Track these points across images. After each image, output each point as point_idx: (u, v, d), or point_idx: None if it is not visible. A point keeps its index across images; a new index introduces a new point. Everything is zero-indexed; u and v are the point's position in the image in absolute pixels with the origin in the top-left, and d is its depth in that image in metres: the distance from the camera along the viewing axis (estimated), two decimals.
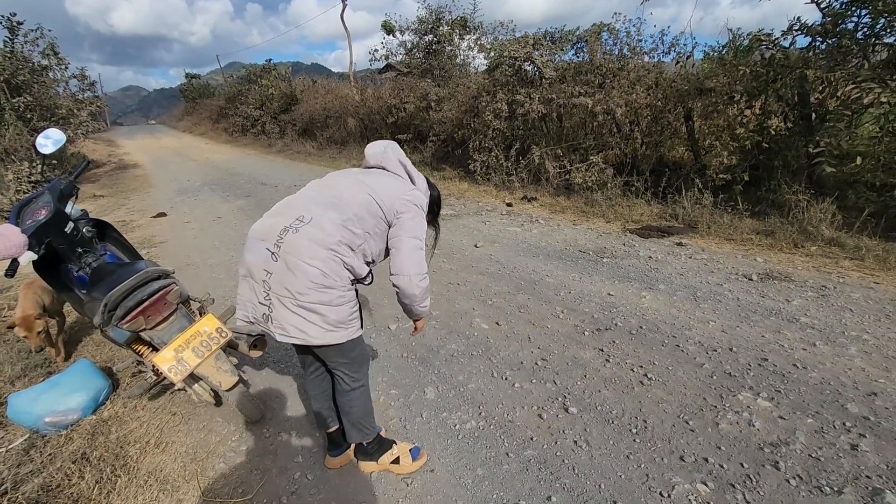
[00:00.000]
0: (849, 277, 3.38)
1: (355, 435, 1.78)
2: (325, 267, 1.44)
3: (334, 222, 1.49)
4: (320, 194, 1.63)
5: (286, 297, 1.45)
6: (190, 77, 33.96)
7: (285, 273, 1.44)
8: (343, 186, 1.64)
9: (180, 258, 4.71)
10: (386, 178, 1.71)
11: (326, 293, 1.45)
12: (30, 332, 2.54)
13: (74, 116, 10.41)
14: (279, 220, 1.51)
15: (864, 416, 1.99)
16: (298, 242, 1.44)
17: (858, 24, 4.31)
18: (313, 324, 1.47)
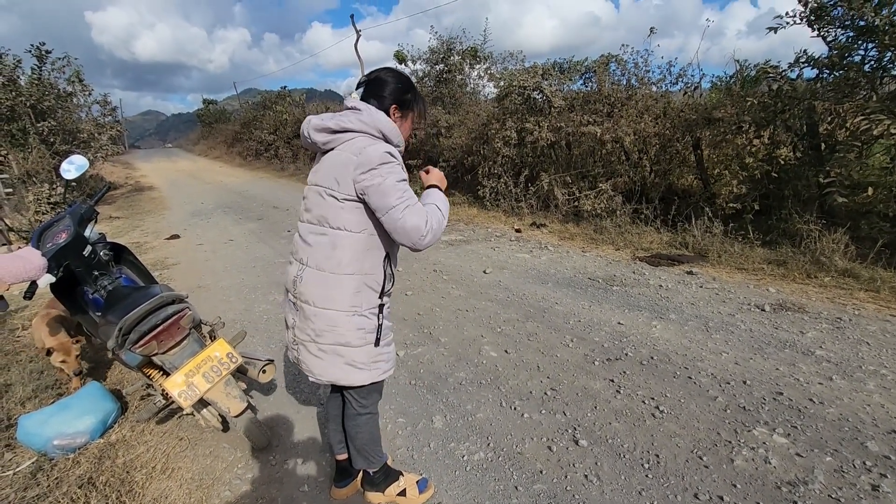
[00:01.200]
0: (864, 310, 3.32)
1: (360, 461, 1.75)
2: (340, 304, 1.46)
3: (327, 249, 1.44)
4: (304, 226, 1.53)
5: (308, 342, 1.52)
6: (207, 102, 34.97)
7: (304, 319, 1.51)
8: (313, 203, 1.49)
9: (192, 280, 4.77)
10: (333, 156, 1.44)
11: (345, 334, 1.48)
12: (68, 356, 2.57)
13: (95, 140, 10.74)
14: (292, 269, 1.56)
15: (885, 455, 1.93)
16: (307, 290, 1.48)
17: (865, 56, 4.37)
18: (335, 365, 1.52)
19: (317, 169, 1.49)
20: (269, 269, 5.01)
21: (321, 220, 1.44)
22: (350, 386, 1.57)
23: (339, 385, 1.59)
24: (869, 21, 3.92)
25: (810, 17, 4.41)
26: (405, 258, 5.13)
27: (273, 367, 2.19)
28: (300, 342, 1.55)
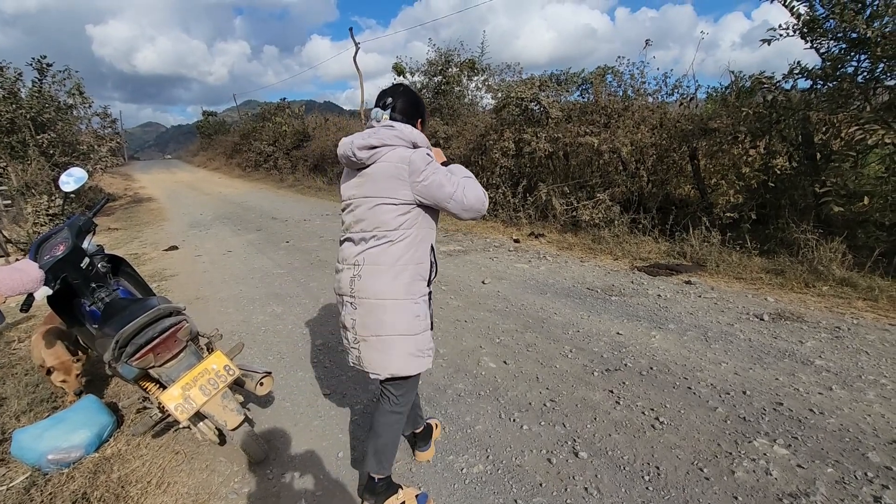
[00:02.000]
0: (863, 319, 3.32)
1: (373, 465, 1.76)
2: (398, 293, 1.60)
3: (385, 247, 1.60)
4: (356, 234, 1.66)
5: (370, 337, 1.63)
6: (207, 114, 35.18)
7: (364, 315, 1.63)
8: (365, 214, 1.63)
9: (190, 292, 4.76)
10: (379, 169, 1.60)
11: (404, 322, 1.62)
12: (69, 375, 2.55)
13: (94, 152, 10.78)
14: (344, 274, 1.68)
15: (887, 466, 1.91)
16: (366, 286, 1.61)
17: (858, 68, 4.42)
18: (395, 356, 1.64)
19: (359, 183, 1.63)
20: (267, 280, 5.00)
21: (377, 226, 1.60)
22: (403, 376, 1.68)
23: (393, 377, 1.68)
24: (861, 33, 3.98)
25: (803, 29, 4.48)
26: None
27: (271, 380, 2.18)
28: (361, 339, 1.65)
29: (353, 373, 2.96)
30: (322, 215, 9.03)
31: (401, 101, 1.69)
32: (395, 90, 1.72)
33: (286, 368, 3.07)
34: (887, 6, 3.93)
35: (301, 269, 5.38)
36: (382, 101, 1.68)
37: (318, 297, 4.37)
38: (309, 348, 3.35)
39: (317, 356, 3.22)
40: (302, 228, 7.84)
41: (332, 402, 2.65)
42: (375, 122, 1.64)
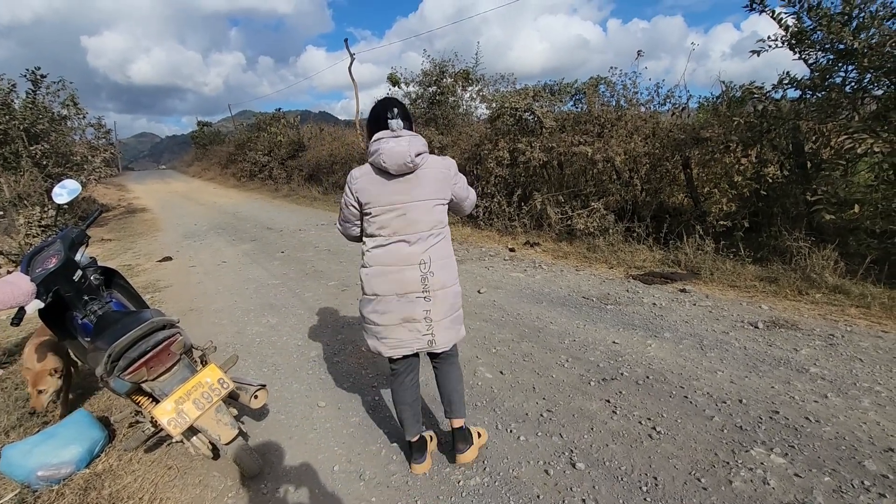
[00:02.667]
0: (856, 326, 3.34)
1: (464, 408, 2.11)
2: (455, 278, 1.95)
3: (443, 242, 1.90)
4: (414, 235, 1.82)
5: (443, 319, 1.89)
6: (202, 125, 35.18)
7: (439, 304, 1.87)
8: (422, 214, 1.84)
9: (184, 303, 4.72)
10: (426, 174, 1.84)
11: (459, 300, 1.98)
12: (34, 387, 2.49)
13: (88, 163, 10.75)
14: (412, 272, 1.83)
15: (883, 475, 1.91)
16: (438, 278, 1.86)
17: (846, 78, 4.49)
18: (460, 327, 2.00)
19: (406, 188, 1.78)
20: (262, 291, 4.97)
21: (435, 225, 1.85)
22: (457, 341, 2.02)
23: (459, 339, 2.02)
24: (848, 45, 4.05)
25: (791, 40, 4.55)
26: None
27: (265, 393, 2.16)
28: (434, 323, 1.88)
29: (348, 384, 2.94)
30: (317, 225, 9.02)
31: (401, 109, 1.82)
32: (392, 101, 1.86)
33: (281, 380, 3.05)
34: (873, 18, 4.01)
35: (296, 279, 5.36)
36: (391, 111, 1.78)
37: (314, 308, 4.34)
38: (304, 360, 3.32)
39: (312, 367, 3.20)
40: (297, 238, 7.83)
41: (328, 415, 2.62)
42: (394, 129, 1.78)
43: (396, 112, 1.77)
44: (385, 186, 1.78)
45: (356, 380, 2.99)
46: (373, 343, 1.96)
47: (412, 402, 2.06)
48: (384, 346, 1.92)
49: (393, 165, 1.74)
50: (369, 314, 1.91)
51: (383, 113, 1.79)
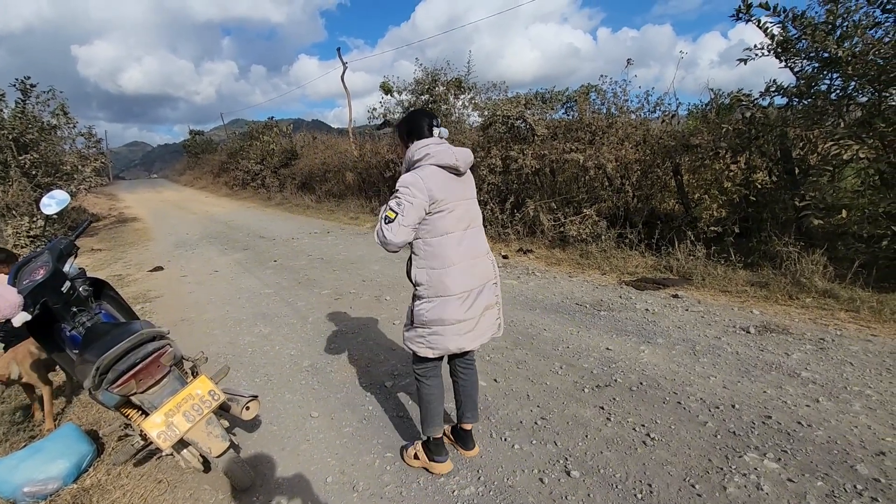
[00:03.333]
0: (846, 330, 3.38)
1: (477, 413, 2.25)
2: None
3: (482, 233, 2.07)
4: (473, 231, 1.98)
5: (500, 305, 2.09)
6: (193, 133, 35.05)
7: (499, 289, 2.10)
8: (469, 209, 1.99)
9: (175, 314, 4.68)
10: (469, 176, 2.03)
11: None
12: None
13: (78, 172, 10.65)
14: (484, 263, 2.00)
15: (875, 478, 1.93)
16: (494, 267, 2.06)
17: (831, 86, 4.57)
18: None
19: (463, 188, 1.94)
20: (254, 301, 4.94)
21: (479, 218, 2.03)
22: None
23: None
24: (832, 53, 4.12)
25: (777, 49, 4.63)
26: (393, 287, 5.11)
27: (257, 404, 2.13)
28: (501, 307, 2.09)
29: (342, 394, 2.92)
30: (310, 233, 8.99)
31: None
32: (431, 112, 2.02)
33: (273, 391, 3.02)
34: (856, 27, 4.09)
35: (289, 288, 5.33)
36: (435, 121, 1.92)
37: (307, 317, 4.32)
38: (297, 369, 3.30)
39: (305, 378, 3.17)
40: (290, 247, 7.79)
41: (321, 425, 2.60)
42: (441, 137, 1.91)
43: (438, 122, 1.92)
44: (456, 183, 1.91)
45: (350, 390, 2.97)
46: (446, 342, 1.94)
47: (442, 398, 2.15)
48: (467, 339, 1.96)
49: (463, 164, 1.90)
50: (452, 314, 1.91)
51: (428, 121, 1.90)
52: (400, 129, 1.98)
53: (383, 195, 11.17)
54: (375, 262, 6.34)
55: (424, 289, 1.91)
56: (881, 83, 4.01)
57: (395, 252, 1.91)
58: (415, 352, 2.02)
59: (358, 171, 12.78)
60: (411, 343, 2.02)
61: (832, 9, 4.22)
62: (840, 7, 4.22)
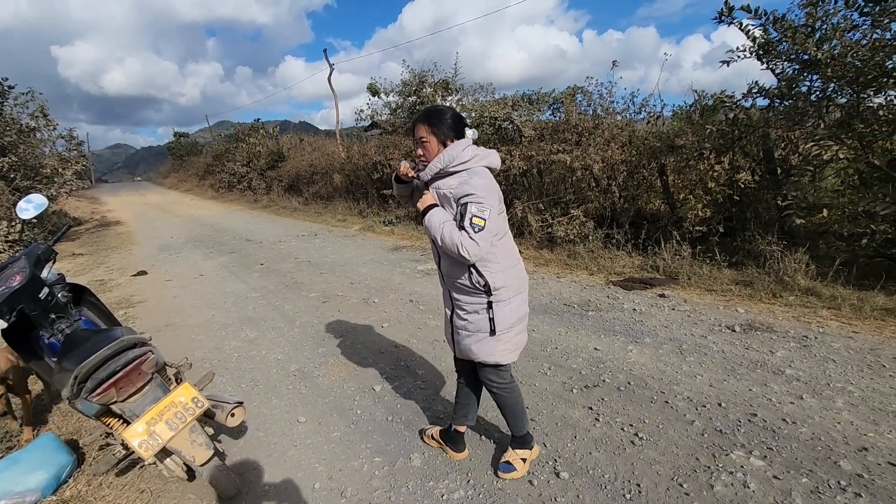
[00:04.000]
0: (828, 327, 3.43)
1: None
2: None
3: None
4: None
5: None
6: (178, 135, 34.61)
7: None
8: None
9: (159, 319, 4.59)
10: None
11: None
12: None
13: (59, 175, 10.42)
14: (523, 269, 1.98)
15: (858, 474, 1.95)
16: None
17: (811, 87, 4.66)
18: None
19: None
20: (240, 305, 4.87)
21: None
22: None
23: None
24: (812, 55, 4.20)
25: (759, 51, 4.70)
26: (381, 289, 5.08)
27: (242, 410, 2.10)
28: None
29: (330, 398, 2.89)
30: (297, 236, 8.92)
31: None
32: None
33: (260, 396, 2.97)
34: (835, 30, 4.17)
35: (276, 291, 5.27)
36: (466, 121, 1.85)
37: (294, 321, 4.27)
38: (284, 374, 3.26)
39: (292, 382, 3.13)
40: (276, 250, 7.71)
41: (308, 430, 2.57)
42: (472, 138, 1.84)
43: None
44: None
45: (338, 393, 2.94)
46: (524, 337, 1.98)
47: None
48: (526, 335, 2.00)
49: (496, 169, 1.88)
50: (525, 307, 1.95)
51: (462, 122, 1.83)
52: (441, 127, 1.76)
53: (371, 197, 11.12)
54: (363, 264, 6.30)
55: (505, 290, 1.83)
56: (859, 85, 4.10)
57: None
58: (498, 362, 1.91)
59: (345, 172, 12.71)
60: (495, 355, 1.88)
61: (811, 12, 4.30)
62: (819, 10, 4.30)
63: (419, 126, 1.79)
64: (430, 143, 1.78)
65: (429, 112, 1.81)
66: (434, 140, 1.77)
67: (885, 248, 4.32)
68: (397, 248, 7.28)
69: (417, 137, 1.80)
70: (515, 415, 2.06)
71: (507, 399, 2.02)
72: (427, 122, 1.77)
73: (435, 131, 1.76)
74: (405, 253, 6.89)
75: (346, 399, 2.87)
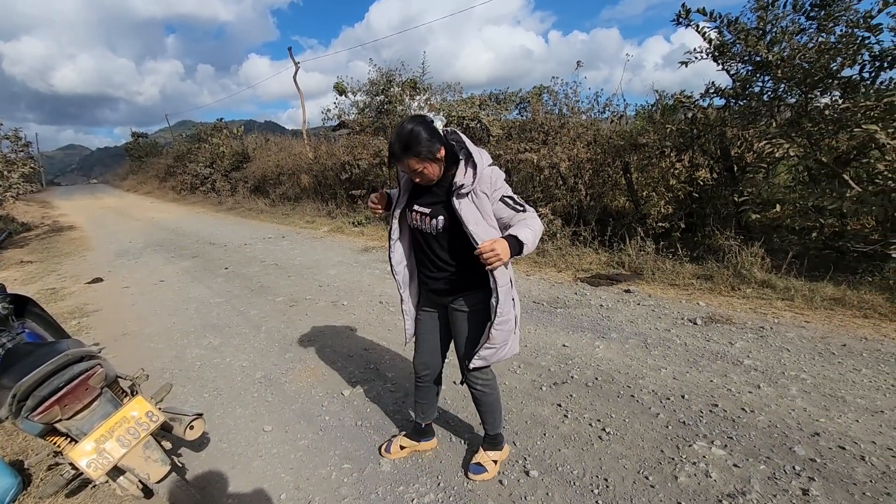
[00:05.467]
0: (782, 318, 3.58)
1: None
2: None
3: None
4: None
5: None
6: (136, 136, 33.27)
7: None
8: None
9: (115, 328, 4.38)
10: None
11: None
12: None
13: (4, 178, 9.84)
14: None
15: (811, 458, 2.04)
16: None
17: (763, 88, 4.86)
18: None
19: None
20: (203, 311, 4.70)
21: None
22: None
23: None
24: (763, 57, 4.38)
25: (714, 52, 4.87)
26: (350, 291, 5.01)
27: (202, 422, 2.01)
28: None
29: (297, 405, 2.81)
30: (264, 239, 8.69)
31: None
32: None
33: (223, 405, 2.87)
34: (784, 33, 4.36)
35: (241, 296, 5.12)
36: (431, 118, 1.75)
37: (259, 326, 4.15)
38: (249, 381, 3.16)
39: (258, 390, 3.04)
40: (242, 253, 7.50)
41: (275, 439, 2.49)
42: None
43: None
44: None
45: (305, 400, 2.87)
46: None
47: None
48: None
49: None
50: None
51: (429, 124, 1.71)
52: (424, 149, 1.63)
53: (340, 198, 10.96)
54: (332, 266, 6.20)
55: (513, 282, 1.81)
56: (807, 85, 4.29)
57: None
58: (505, 358, 1.90)
59: (313, 173, 12.48)
60: (515, 344, 1.88)
61: (762, 15, 4.48)
62: (769, 14, 4.49)
63: (407, 161, 1.65)
64: (428, 169, 1.68)
65: (405, 143, 1.63)
66: (428, 165, 1.67)
67: (832, 240, 4.55)
68: (367, 249, 7.19)
69: (412, 171, 1.69)
70: (494, 412, 2.07)
71: (490, 396, 2.02)
72: (412, 153, 1.63)
73: (424, 156, 1.64)
74: (375, 254, 6.81)
75: (313, 405, 2.80)
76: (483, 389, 2.00)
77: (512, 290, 1.78)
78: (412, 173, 1.72)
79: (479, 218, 1.69)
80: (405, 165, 1.68)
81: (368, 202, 1.95)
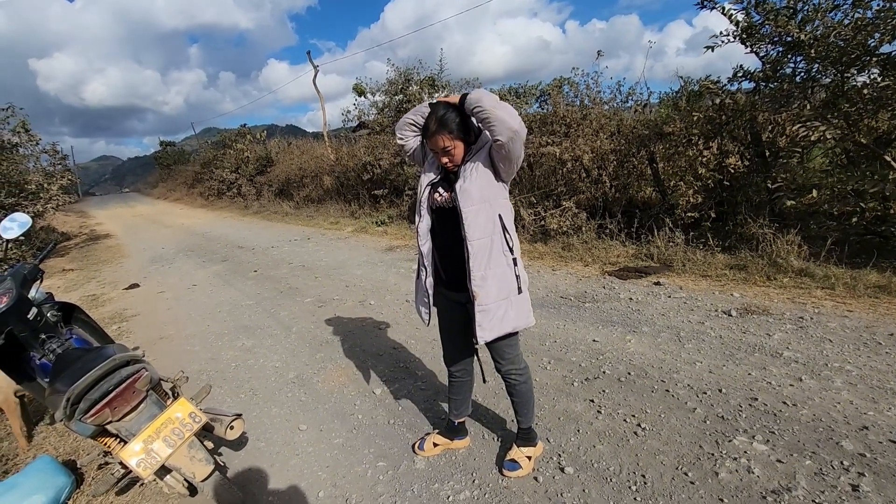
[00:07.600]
0: (823, 307, 3.45)
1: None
2: None
3: None
4: None
5: None
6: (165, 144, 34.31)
7: None
8: None
9: (153, 331, 4.54)
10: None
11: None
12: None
13: (44, 191, 10.27)
14: None
15: (860, 453, 1.96)
16: None
17: (795, 69, 4.67)
18: None
19: None
20: (235, 313, 4.83)
21: None
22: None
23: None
24: (795, 37, 4.21)
25: (742, 35, 4.70)
26: (377, 291, 5.06)
27: (241, 422, 2.06)
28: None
29: (330, 404, 2.86)
30: (290, 241, 8.86)
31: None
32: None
33: (259, 406, 2.94)
34: (816, 11, 4.17)
35: (270, 298, 5.23)
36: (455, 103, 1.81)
37: (290, 327, 4.24)
38: (282, 382, 3.23)
39: (291, 390, 3.10)
40: (269, 256, 7.66)
41: (310, 438, 2.54)
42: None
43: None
44: None
45: (338, 399, 2.92)
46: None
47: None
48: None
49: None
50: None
51: (459, 108, 1.78)
52: (457, 126, 1.74)
53: (362, 198, 11.06)
54: (358, 266, 6.27)
55: (517, 249, 1.89)
56: (843, 64, 4.11)
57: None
58: (529, 324, 1.91)
59: (335, 174, 12.64)
60: (529, 316, 1.91)
61: None
62: None
63: (440, 137, 1.73)
64: (458, 149, 1.77)
65: (440, 120, 1.72)
66: (458, 144, 1.77)
67: (874, 225, 4.35)
68: (391, 248, 7.25)
69: (440, 148, 1.75)
70: (528, 404, 2.09)
71: (525, 386, 2.05)
72: (447, 129, 1.72)
73: (455, 134, 1.74)
74: (399, 253, 6.86)
75: (346, 404, 2.85)
76: (517, 379, 2.02)
77: (490, 246, 1.80)
78: (442, 152, 1.78)
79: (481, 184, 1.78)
80: (436, 143, 1.76)
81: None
